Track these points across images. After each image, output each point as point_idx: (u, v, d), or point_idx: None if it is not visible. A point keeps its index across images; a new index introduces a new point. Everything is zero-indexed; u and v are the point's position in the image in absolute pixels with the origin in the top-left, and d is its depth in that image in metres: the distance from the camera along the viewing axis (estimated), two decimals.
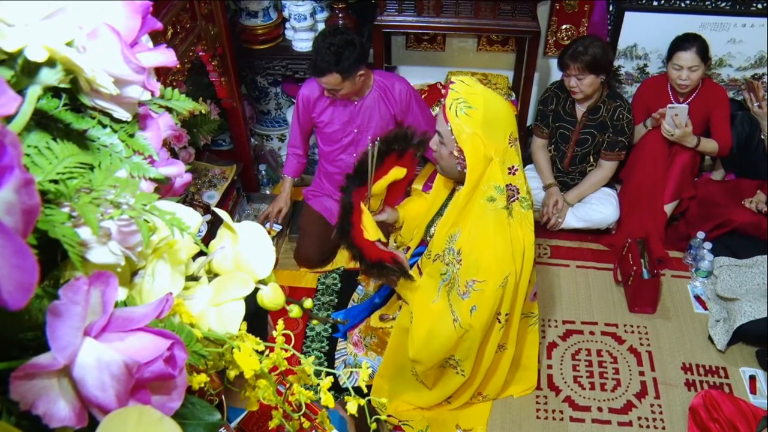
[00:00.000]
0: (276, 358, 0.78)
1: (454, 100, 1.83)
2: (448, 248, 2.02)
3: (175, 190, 0.74)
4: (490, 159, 1.86)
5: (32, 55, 0.48)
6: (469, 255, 1.96)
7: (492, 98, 1.88)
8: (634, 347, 2.70)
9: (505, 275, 1.96)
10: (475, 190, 1.90)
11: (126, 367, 0.49)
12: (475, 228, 1.95)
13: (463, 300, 2.00)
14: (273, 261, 0.71)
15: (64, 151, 0.58)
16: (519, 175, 1.95)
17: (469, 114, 1.82)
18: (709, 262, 2.91)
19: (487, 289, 1.96)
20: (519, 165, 1.95)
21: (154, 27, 0.63)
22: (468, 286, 1.97)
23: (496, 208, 1.91)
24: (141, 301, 0.64)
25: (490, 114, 1.83)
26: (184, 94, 0.73)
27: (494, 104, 1.86)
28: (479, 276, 1.95)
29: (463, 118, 1.82)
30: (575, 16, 3.17)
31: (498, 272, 1.95)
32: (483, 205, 1.92)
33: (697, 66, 2.89)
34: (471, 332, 2.04)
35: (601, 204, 3.12)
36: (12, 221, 0.38)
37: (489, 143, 1.84)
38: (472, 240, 1.95)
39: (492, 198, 1.90)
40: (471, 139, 1.82)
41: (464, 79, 1.89)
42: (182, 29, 2.31)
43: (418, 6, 2.85)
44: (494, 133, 1.85)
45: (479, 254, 1.95)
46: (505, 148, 1.88)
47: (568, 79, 2.91)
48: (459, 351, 2.12)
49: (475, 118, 1.82)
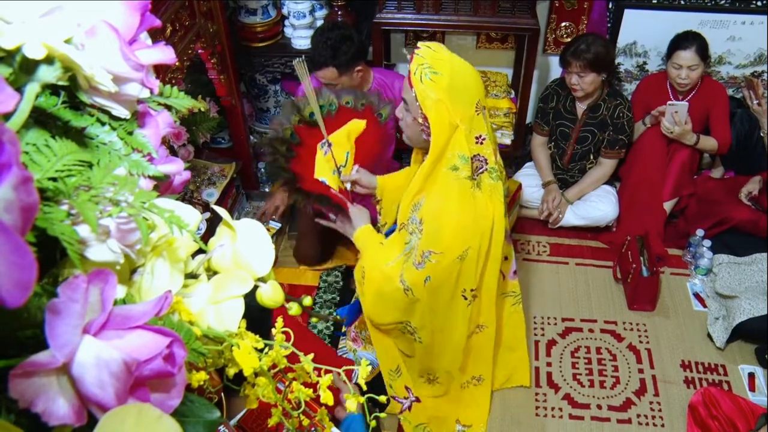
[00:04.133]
0: (275, 356, 0.78)
1: (419, 65, 1.77)
2: (412, 217, 1.96)
3: (174, 187, 0.74)
4: (455, 126, 1.80)
5: (30, 53, 0.48)
6: (430, 225, 1.90)
7: (459, 65, 1.82)
8: (634, 345, 2.70)
9: (465, 248, 1.91)
10: (441, 159, 1.85)
11: (125, 365, 0.49)
12: (438, 197, 1.88)
13: (417, 270, 1.94)
14: (272, 259, 0.71)
15: (63, 149, 0.57)
16: (487, 144, 1.88)
17: (434, 80, 1.75)
18: (709, 260, 2.91)
19: (444, 261, 1.91)
20: (487, 134, 1.88)
21: (152, 24, 0.62)
22: (424, 256, 1.92)
23: (458, 178, 1.85)
24: (140, 298, 0.64)
25: (457, 80, 1.78)
26: (183, 92, 0.73)
27: (461, 71, 1.81)
28: (437, 247, 1.90)
29: (427, 83, 1.75)
30: (575, 14, 3.17)
31: (457, 244, 1.90)
32: (446, 174, 1.85)
33: (697, 65, 2.89)
34: (423, 302, 2.00)
35: (600, 201, 3.12)
36: (10, 219, 0.37)
37: (455, 110, 1.78)
38: (434, 209, 1.89)
39: (455, 167, 1.84)
40: (436, 105, 1.76)
41: (431, 45, 1.83)
42: (181, 27, 2.30)
43: (417, 3, 2.85)
44: (460, 100, 1.78)
45: (439, 225, 1.89)
46: (471, 115, 1.82)
47: (570, 77, 2.91)
48: (414, 318, 2.08)
49: (441, 84, 1.75)
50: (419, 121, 1.83)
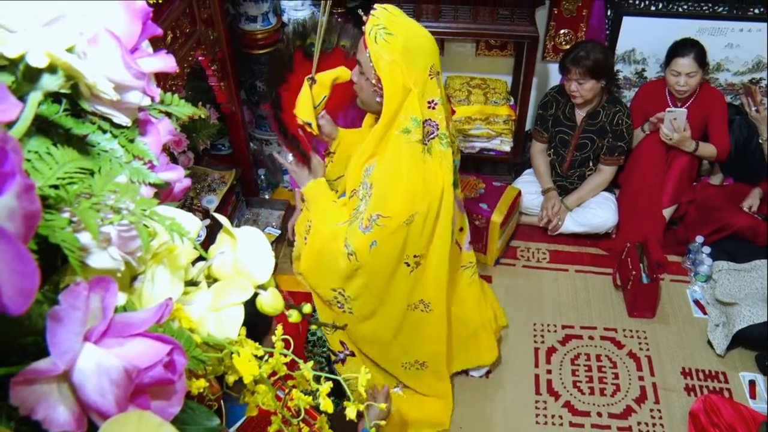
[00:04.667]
0: (275, 364, 0.78)
1: (374, 26, 1.76)
2: (363, 182, 1.95)
3: (175, 195, 0.74)
4: (408, 89, 1.79)
5: (33, 61, 0.48)
6: (379, 188, 1.89)
7: (414, 28, 1.82)
8: (634, 352, 2.70)
9: (412, 213, 1.89)
10: (393, 122, 1.84)
11: (126, 373, 0.49)
12: (389, 161, 1.87)
13: (363, 234, 1.92)
14: (272, 266, 0.71)
15: (65, 157, 0.58)
16: (439, 110, 1.87)
17: (389, 41, 1.75)
18: (708, 267, 2.91)
19: (391, 224, 1.89)
20: (440, 100, 1.86)
21: (154, 33, 0.63)
22: (371, 220, 1.90)
23: (410, 141, 1.84)
24: (140, 306, 0.64)
25: (411, 43, 1.77)
26: (184, 99, 0.73)
27: (416, 34, 1.81)
28: (385, 211, 1.88)
29: (382, 44, 1.75)
30: (573, 21, 3.18)
31: (405, 208, 1.89)
32: (398, 137, 1.84)
33: (695, 72, 2.90)
34: (365, 268, 1.97)
35: (599, 208, 3.13)
36: (13, 227, 0.38)
37: (408, 73, 1.77)
38: (384, 173, 1.89)
39: (407, 130, 1.83)
40: (389, 66, 1.75)
41: (387, 7, 1.81)
42: (182, 34, 2.31)
43: (417, 10, 2.86)
44: (414, 62, 1.78)
45: (388, 188, 1.88)
46: (425, 80, 1.80)
47: (569, 84, 2.92)
48: (350, 287, 2.05)
49: (395, 46, 1.75)
50: (372, 82, 1.83)
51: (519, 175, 3.37)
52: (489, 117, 3.19)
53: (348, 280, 2.03)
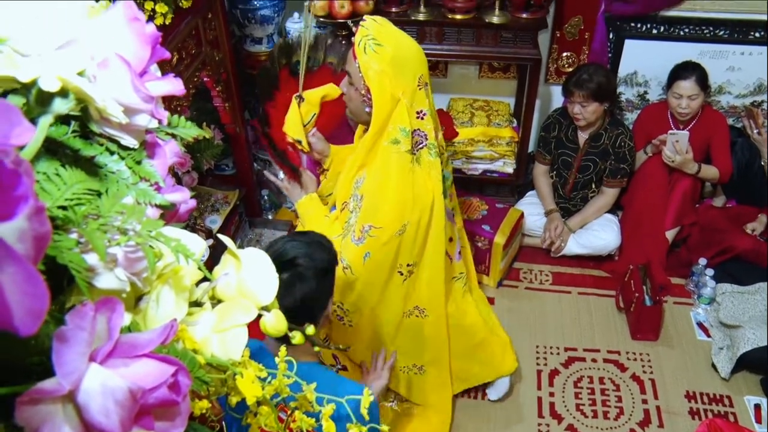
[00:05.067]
0: (278, 385, 0.78)
1: (363, 36, 1.79)
2: (354, 194, 1.96)
3: (180, 215, 0.75)
4: (397, 99, 1.81)
5: (46, 86, 0.49)
6: (370, 199, 1.90)
7: (403, 38, 1.84)
8: (637, 375, 2.69)
9: (404, 223, 1.91)
10: (382, 132, 1.86)
11: (130, 393, 0.49)
12: (378, 172, 1.89)
13: (357, 246, 1.93)
14: (276, 288, 0.72)
15: (73, 178, 0.58)
16: (428, 120, 1.89)
17: (378, 51, 1.78)
18: (712, 289, 2.90)
19: (384, 235, 1.90)
20: (428, 110, 1.89)
21: (162, 57, 0.64)
22: (364, 231, 1.91)
23: (399, 151, 1.86)
24: (145, 326, 0.65)
25: (400, 53, 1.80)
26: (188, 119, 0.74)
27: (405, 44, 1.83)
28: (376, 222, 1.89)
29: (371, 54, 1.78)
30: (576, 44, 3.20)
31: (396, 219, 1.90)
32: (387, 148, 1.86)
33: (697, 94, 2.92)
34: (360, 280, 1.98)
35: (602, 230, 3.13)
36: (23, 248, 0.38)
37: (397, 83, 1.80)
38: (374, 184, 1.90)
39: (396, 140, 1.85)
40: (378, 76, 1.78)
41: (376, 18, 1.85)
42: (188, 55, 2.33)
43: (420, 33, 2.88)
44: (403, 72, 1.80)
45: (379, 199, 1.89)
46: (414, 89, 1.83)
47: (572, 106, 2.93)
48: (347, 300, 2.05)
49: (384, 56, 1.78)
50: (362, 93, 1.85)
51: (522, 196, 3.38)
52: (492, 139, 3.21)
53: (345, 293, 2.04)
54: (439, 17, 2.87)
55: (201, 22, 2.43)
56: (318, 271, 1.53)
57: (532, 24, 2.85)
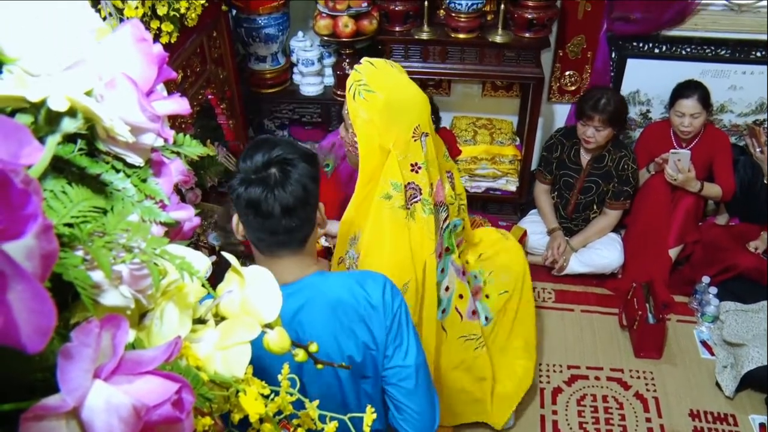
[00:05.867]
0: (281, 402, 0.78)
1: (355, 81, 1.67)
2: (349, 252, 1.84)
3: (184, 233, 0.76)
4: (387, 151, 1.68)
5: (54, 105, 0.50)
6: (364, 261, 1.78)
7: (401, 85, 1.70)
8: (641, 393, 2.67)
9: (405, 282, 1.78)
10: (373, 185, 1.74)
11: (134, 410, 0.49)
12: (372, 231, 1.77)
13: None
14: (280, 305, 0.72)
15: (79, 195, 0.59)
16: (423, 173, 1.76)
17: (367, 98, 1.64)
18: (715, 307, 2.89)
19: None
20: (424, 163, 1.75)
21: (169, 76, 0.65)
22: None
23: (392, 207, 1.74)
24: (149, 343, 0.65)
25: (394, 101, 1.66)
26: (192, 136, 0.75)
27: (401, 92, 1.69)
28: None
29: (360, 102, 1.65)
30: (578, 63, 3.22)
31: (396, 279, 1.77)
32: (379, 204, 1.74)
33: (699, 113, 2.93)
34: None
35: (605, 248, 3.12)
36: (31, 266, 0.39)
37: (387, 134, 1.67)
38: (369, 245, 1.78)
39: (388, 195, 1.73)
40: (365, 125, 1.66)
41: (374, 61, 1.71)
42: (192, 73, 2.36)
43: (424, 52, 2.91)
44: (396, 123, 1.67)
45: (375, 260, 1.76)
46: (407, 141, 1.70)
47: (585, 129, 2.92)
48: None
49: (374, 104, 1.64)
50: (354, 139, 1.74)
51: (524, 214, 3.38)
52: (495, 157, 3.22)
53: None
54: (443, 36, 2.89)
55: (206, 41, 2.45)
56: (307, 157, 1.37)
57: (534, 43, 2.87)
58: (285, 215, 1.26)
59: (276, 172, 1.25)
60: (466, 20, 2.82)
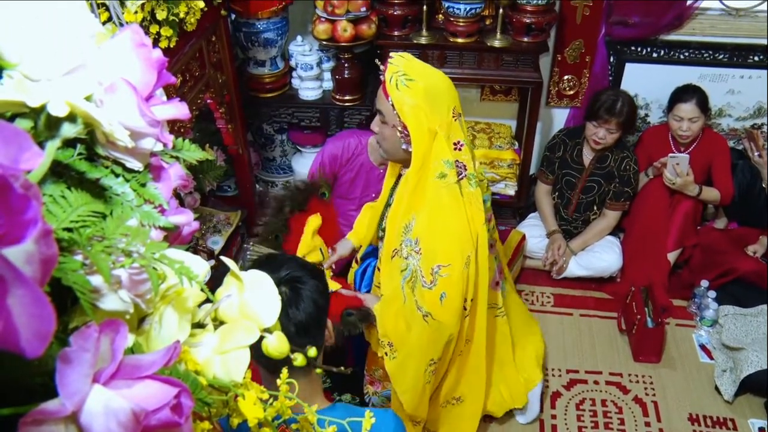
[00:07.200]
0: (280, 407, 0.78)
1: (393, 73, 1.77)
2: (405, 240, 1.90)
3: (183, 237, 0.76)
4: (435, 133, 1.79)
5: (54, 110, 0.50)
6: (430, 240, 1.86)
7: (432, 72, 1.84)
8: (640, 397, 2.67)
9: (467, 254, 1.86)
10: (425, 169, 1.82)
11: (133, 415, 0.49)
12: (432, 211, 1.85)
13: (431, 290, 1.87)
14: (279, 309, 0.72)
15: (78, 200, 0.59)
16: (465, 150, 1.86)
17: (410, 86, 1.76)
18: (714, 311, 2.90)
19: (455, 272, 1.85)
20: (465, 140, 1.86)
21: (168, 81, 0.65)
22: (434, 273, 1.85)
23: (448, 184, 1.82)
24: (148, 347, 0.65)
25: (431, 86, 1.79)
26: (191, 140, 0.75)
27: (434, 77, 1.82)
28: (443, 260, 1.84)
29: (404, 90, 1.76)
30: (577, 67, 3.23)
31: (461, 253, 1.86)
32: (435, 184, 1.82)
33: (698, 117, 2.93)
34: (444, 326, 1.91)
35: (604, 252, 3.13)
36: (31, 271, 0.39)
37: (432, 116, 1.77)
38: (430, 224, 1.85)
39: (443, 174, 1.82)
40: (413, 111, 1.76)
41: (403, 55, 1.84)
42: (191, 77, 2.36)
43: (423, 56, 2.91)
44: (437, 105, 1.78)
45: (438, 237, 1.85)
46: (449, 121, 1.81)
47: (597, 130, 2.91)
48: (437, 352, 1.97)
49: (416, 90, 1.76)
50: (399, 129, 1.82)
51: (523, 218, 3.39)
52: (493, 161, 3.23)
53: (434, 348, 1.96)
54: (441, 41, 2.90)
55: (205, 45, 2.46)
56: (314, 272, 1.41)
57: (533, 47, 2.88)
58: (298, 334, 1.27)
59: (287, 290, 1.27)
60: (465, 24, 2.82)
